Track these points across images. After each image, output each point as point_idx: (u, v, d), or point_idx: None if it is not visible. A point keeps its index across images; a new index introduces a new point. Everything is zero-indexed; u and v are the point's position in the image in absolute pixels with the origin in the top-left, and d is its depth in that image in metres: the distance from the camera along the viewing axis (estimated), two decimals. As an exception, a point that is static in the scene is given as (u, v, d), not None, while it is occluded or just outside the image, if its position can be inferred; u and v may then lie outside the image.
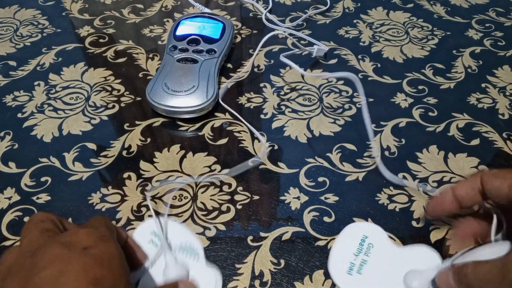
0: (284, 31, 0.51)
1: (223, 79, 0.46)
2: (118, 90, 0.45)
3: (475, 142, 0.40)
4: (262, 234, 0.33)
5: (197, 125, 0.41)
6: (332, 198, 0.35)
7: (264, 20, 0.53)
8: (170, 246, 0.31)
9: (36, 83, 0.45)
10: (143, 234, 0.32)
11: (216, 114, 0.42)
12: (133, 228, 0.33)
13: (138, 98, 0.44)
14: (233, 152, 0.39)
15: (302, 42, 0.51)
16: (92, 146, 0.39)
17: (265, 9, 0.55)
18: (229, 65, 0.48)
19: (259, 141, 0.39)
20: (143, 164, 0.37)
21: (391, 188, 0.36)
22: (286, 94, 0.44)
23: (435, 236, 0.33)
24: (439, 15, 0.56)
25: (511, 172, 0.27)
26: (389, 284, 0.30)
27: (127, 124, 0.41)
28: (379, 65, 0.48)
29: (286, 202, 0.35)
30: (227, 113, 0.42)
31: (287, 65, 0.46)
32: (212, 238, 0.33)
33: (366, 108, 0.37)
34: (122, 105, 0.43)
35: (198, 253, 0.31)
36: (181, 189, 0.36)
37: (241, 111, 0.42)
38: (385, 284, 0.30)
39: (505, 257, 0.25)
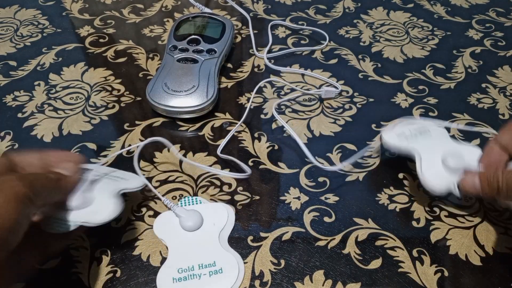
0: (285, 32, 0.52)
1: (223, 79, 0.46)
2: (118, 90, 0.45)
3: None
4: (262, 234, 0.33)
5: (197, 125, 0.41)
6: (332, 198, 0.35)
7: (266, 60, 0.47)
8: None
9: (36, 83, 0.45)
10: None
11: (216, 114, 0.42)
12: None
13: (138, 98, 0.44)
14: (233, 152, 0.39)
15: (302, 41, 0.51)
16: (92, 146, 0.39)
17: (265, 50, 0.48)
18: (229, 65, 0.48)
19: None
20: (143, 164, 0.37)
21: (392, 188, 0.36)
22: (286, 94, 0.44)
23: (435, 236, 0.33)
24: (439, 15, 0.56)
25: None
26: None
27: (127, 124, 0.41)
28: (379, 65, 0.48)
29: (286, 202, 0.35)
30: (227, 113, 0.42)
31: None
32: (212, 238, 0.33)
33: None
34: (122, 105, 0.43)
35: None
36: (181, 189, 0.36)
37: (241, 111, 0.42)
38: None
39: None
